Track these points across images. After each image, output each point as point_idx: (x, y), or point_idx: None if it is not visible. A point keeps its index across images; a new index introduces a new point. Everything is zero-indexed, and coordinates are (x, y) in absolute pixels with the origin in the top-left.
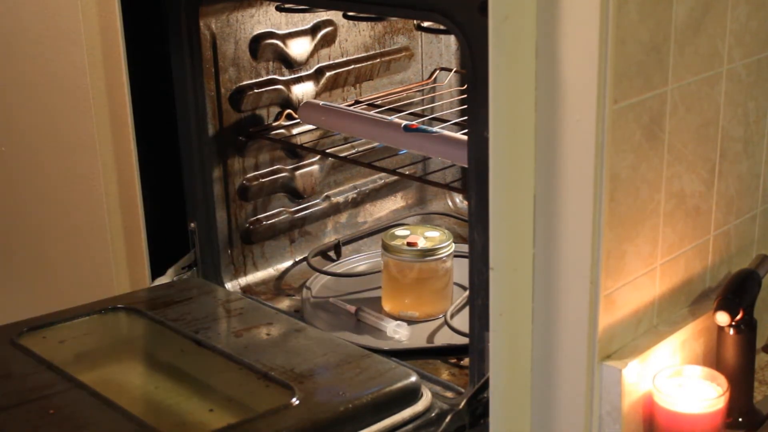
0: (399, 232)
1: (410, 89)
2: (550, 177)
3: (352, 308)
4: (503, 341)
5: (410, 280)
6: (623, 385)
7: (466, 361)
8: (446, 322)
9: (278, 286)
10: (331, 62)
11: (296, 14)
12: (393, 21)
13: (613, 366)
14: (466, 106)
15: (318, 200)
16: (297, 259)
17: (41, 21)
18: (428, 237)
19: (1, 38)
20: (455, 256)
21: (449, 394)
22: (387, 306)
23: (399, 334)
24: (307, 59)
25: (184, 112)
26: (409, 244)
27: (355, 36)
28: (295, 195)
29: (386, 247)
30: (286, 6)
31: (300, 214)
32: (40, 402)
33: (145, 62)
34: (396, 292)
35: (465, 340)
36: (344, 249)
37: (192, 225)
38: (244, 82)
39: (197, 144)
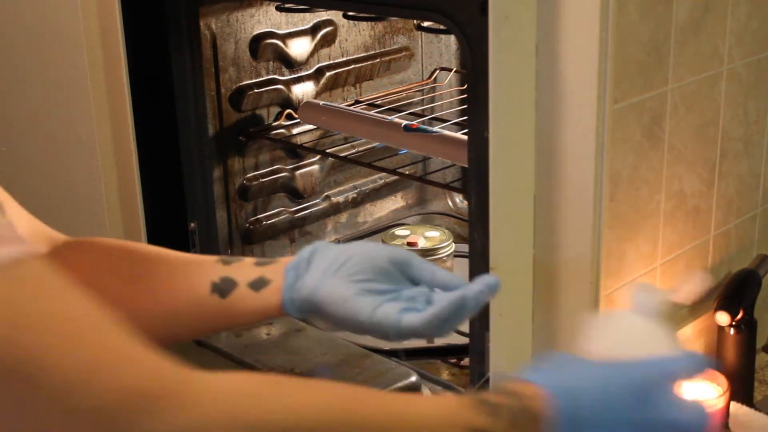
0: (399, 232)
1: (410, 89)
2: (550, 177)
3: None
4: (503, 341)
5: None
6: None
7: (466, 361)
8: None
9: None
10: (331, 62)
11: (296, 14)
12: (393, 21)
13: None
14: (466, 106)
15: (318, 200)
16: None
17: (41, 21)
18: (428, 237)
19: (0, 38)
20: (455, 256)
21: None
22: None
23: None
24: (307, 59)
25: (184, 112)
26: (409, 244)
27: (355, 36)
28: (295, 195)
29: None
30: (286, 6)
31: (300, 214)
32: None
33: (145, 62)
34: None
35: (465, 340)
36: None
37: (192, 225)
38: (244, 82)
39: (197, 144)
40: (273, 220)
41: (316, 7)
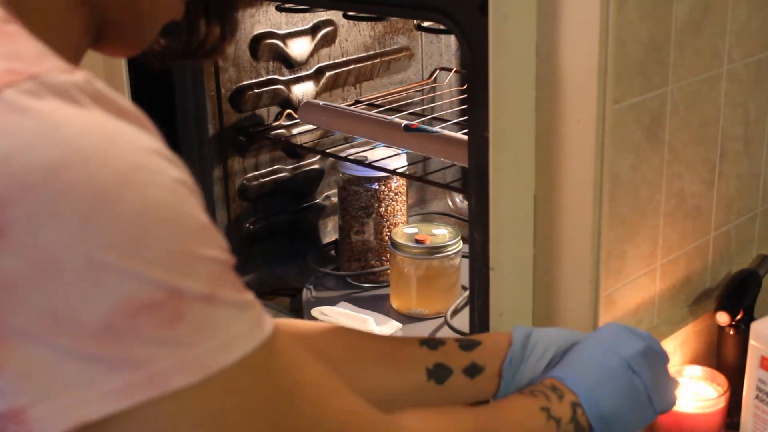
0: (407, 229)
1: (410, 89)
2: (550, 177)
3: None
4: None
5: (419, 277)
6: None
7: None
8: (446, 322)
9: (278, 286)
10: (331, 62)
11: (296, 14)
12: (393, 21)
13: None
14: (466, 106)
15: (318, 200)
16: (297, 259)
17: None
18: (437, 234)
19: None
20: None
21: None
22: (395, 303)
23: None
24: (307, 59)
25: (184, 112)
26: (417, 241)
27: (355, 36)
28: (295, 195)
29: (394, 244)
30: (286, 6)
31: (300, 214)
32: None
33: (145, 62)
34: (405, 289)
35: None
36: None
37: None
38: (244, 82)
39: (197, 144)
40: (273, 220)
41: (316, 7)
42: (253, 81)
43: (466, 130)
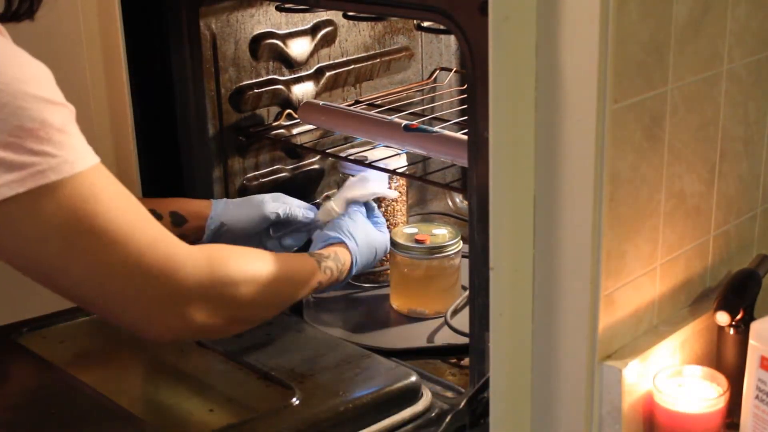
0: (407, 229)
1: (410, 89)
2: (550, 177)
3: None
4: (503, 341)
5: (419, 277)
6: (623, 385)
7: (466, 361)
8: (446, 322)
9: None
10: (331, 62)
11: (296, 14)
12: (393, 21)
13: (613, 366)
14: (466, 106)
15: (318, 200)
16: None
17: (41, 21)
18: (437, 234)
19: None
20: None
21: (449, 394)
22: (395, 303)
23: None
24: (307, 59)
25: (184, 112)
26: (417, 241)
27: (355, 36)
28: (296, 195)
29: (395, 244)
30: (286, 6)
31: None
32: (40, 402)
33: (145, 62)
34: (405, 289)
35: (465, 340)
36: None
37: None
38: (244, 82)
39: (197, 144)
40: None
41: (316, 7)
42: (253, 81)
43: (466, 130)
